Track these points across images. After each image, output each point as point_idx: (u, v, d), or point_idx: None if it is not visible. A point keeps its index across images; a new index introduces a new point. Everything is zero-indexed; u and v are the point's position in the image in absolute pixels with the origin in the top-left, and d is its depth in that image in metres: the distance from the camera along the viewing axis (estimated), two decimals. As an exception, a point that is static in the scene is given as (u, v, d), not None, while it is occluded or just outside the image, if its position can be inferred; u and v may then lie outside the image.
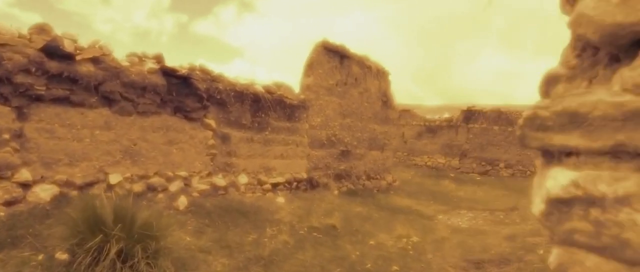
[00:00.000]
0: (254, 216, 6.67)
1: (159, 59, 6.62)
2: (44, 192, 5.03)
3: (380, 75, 12.82)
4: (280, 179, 8.78)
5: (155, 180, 6.38)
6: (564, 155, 1.01)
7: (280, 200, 8.26)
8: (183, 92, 6.84)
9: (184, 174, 6.83)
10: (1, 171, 4.75)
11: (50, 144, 5.23)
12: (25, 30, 5.06)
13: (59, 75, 5.21)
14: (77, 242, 3.54)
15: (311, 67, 9.76)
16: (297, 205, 8.12)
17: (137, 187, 6.12)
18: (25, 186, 4.94)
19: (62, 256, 3.59)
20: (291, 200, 8.46)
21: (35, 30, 5.11)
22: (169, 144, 6.67)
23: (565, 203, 0.95)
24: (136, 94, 6.12)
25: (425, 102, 23.86)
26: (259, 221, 6.44)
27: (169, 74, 6.59)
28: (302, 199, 8.67)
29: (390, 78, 13.38)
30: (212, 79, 7.37)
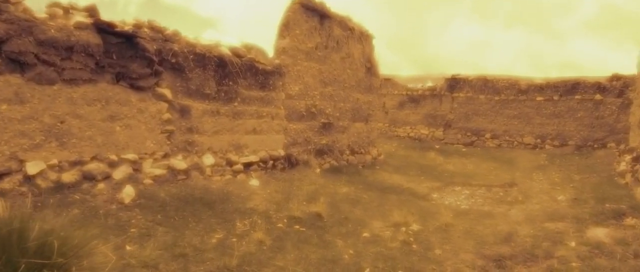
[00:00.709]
0: (222, 205, 5.46)
1: (92, 11, 5.14)
2: None
3: (364, 38, 11.52)
4: (253, 158, 7.54)
5: (92, 166, 5.04)
6: None
7: (254, 183, 7.06)
8: (127, 55, 5.42)
9: (132, 156, 5.50)
10: None
11: None
12: None
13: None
14: None
15: (287, 27, 8.37)
16: (274, 188, 6.94)
17: (68, 176, 4.78)
18: None
19: None
20: (267, 182, 7.27)
21: None
22: (110, 120, 5.30)
23: None
24: (59, 57, 4.68)
25: (403, 72, 22.70)
26: (227, 213, 5.24)
27: (106, 31, 5.15)
28: (280, 181, 7.49)
29: (374, 42, 12.12)
30: (165, 38, 5.94)
